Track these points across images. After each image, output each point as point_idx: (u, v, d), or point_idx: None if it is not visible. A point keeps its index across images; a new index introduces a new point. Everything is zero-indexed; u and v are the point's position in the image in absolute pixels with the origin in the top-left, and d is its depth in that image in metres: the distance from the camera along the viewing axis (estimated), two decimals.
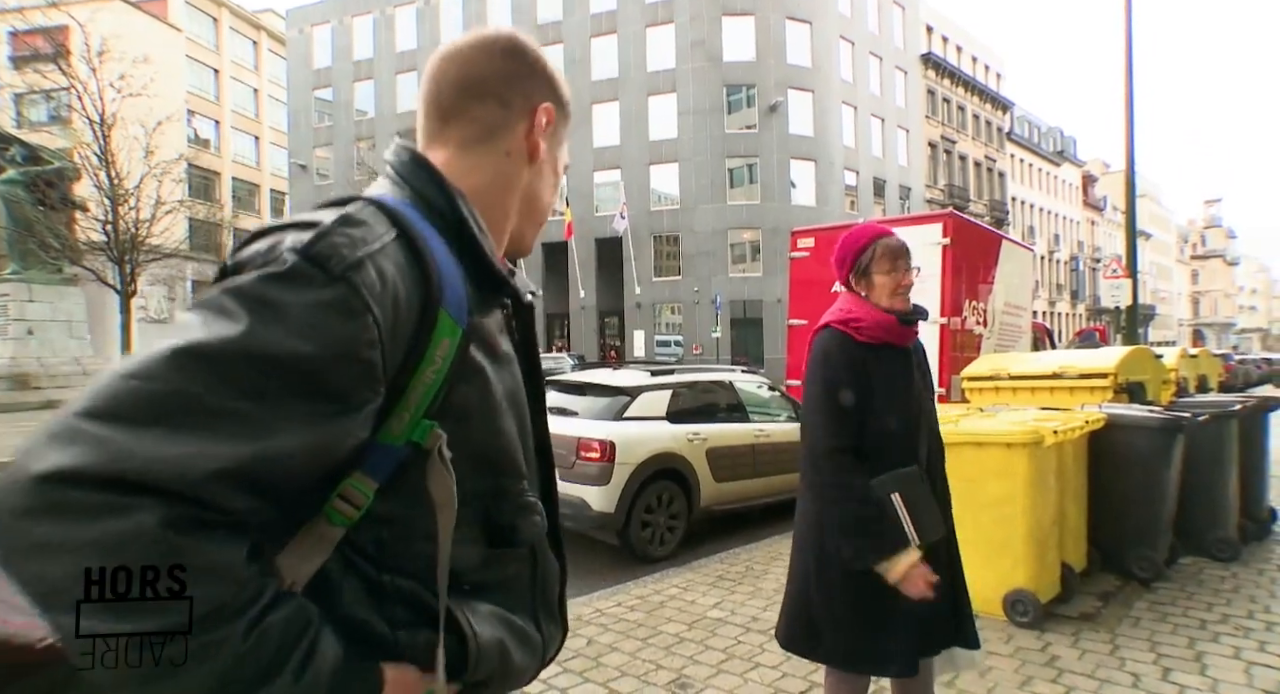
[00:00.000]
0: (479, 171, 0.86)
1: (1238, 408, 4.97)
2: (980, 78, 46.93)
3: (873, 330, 2.05)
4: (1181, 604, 4.02)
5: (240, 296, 0.63)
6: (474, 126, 0.87)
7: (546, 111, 0.90)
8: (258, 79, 46.85)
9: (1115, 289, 10.27)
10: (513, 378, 0.85)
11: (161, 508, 0.55)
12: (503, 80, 0.87)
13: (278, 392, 0.61)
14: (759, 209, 32.52)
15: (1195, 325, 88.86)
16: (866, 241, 2.12)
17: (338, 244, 0.66)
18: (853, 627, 1.99)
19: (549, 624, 0.92)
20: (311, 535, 0.69)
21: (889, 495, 1.93)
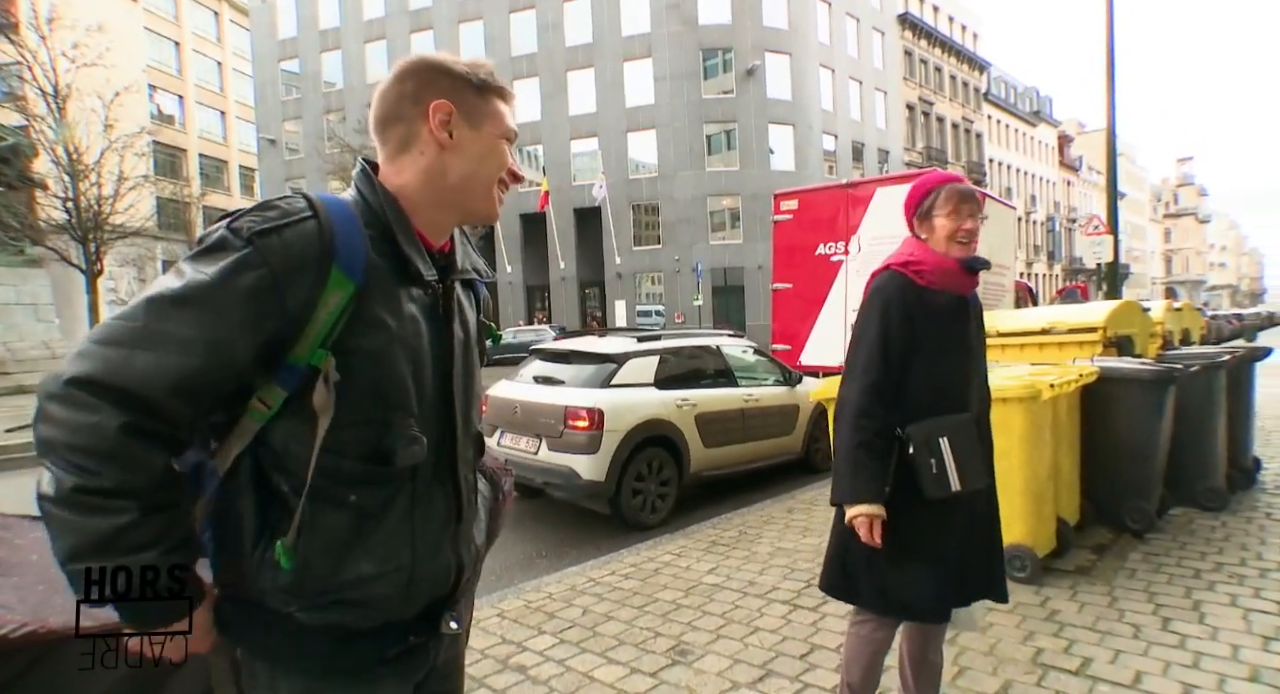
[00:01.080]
0: (404, 173, 1.09)
1: (1227, 358, 4.96)
2: (957, 38, 46.54)
3: (934, 275, 2.02)
4: (1175, 555, 4.03)
5: (189, 260, 0.95)
6: (394, 143, 1.10)
7: (438, 108, 1.07)
8: (221, 52, 45.29)
9: (1097, 245, 10.26)
10: (417, 337, 1.06)
11: (125, 415, 0.86)
12: (399, 103, 1.09)
13: (208, 322, 0.91)
14: (738, 175, 32.21)
15: (1168, 283, 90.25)
16: (934, 185, 2.09)
17: (251, 221, 0.96)
18: (890, 571, 2.00)
19: (431, 553, 1.08)
20: (239, 428, 0.99)
21: (937, 439, 1.94)
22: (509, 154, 1.16)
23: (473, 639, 3.21)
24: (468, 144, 1.10)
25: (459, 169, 1.10)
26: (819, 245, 8.95)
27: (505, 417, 5.81)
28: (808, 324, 9.02)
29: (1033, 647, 2.96)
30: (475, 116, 1.10)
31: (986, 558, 2.12)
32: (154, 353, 0.88)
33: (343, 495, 1.00)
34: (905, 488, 1.96)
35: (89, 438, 0.85)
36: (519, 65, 34.46)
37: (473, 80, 1.10)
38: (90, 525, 0.87)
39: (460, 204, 1.13)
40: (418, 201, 1.09)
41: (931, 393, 2.00)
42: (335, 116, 37.13)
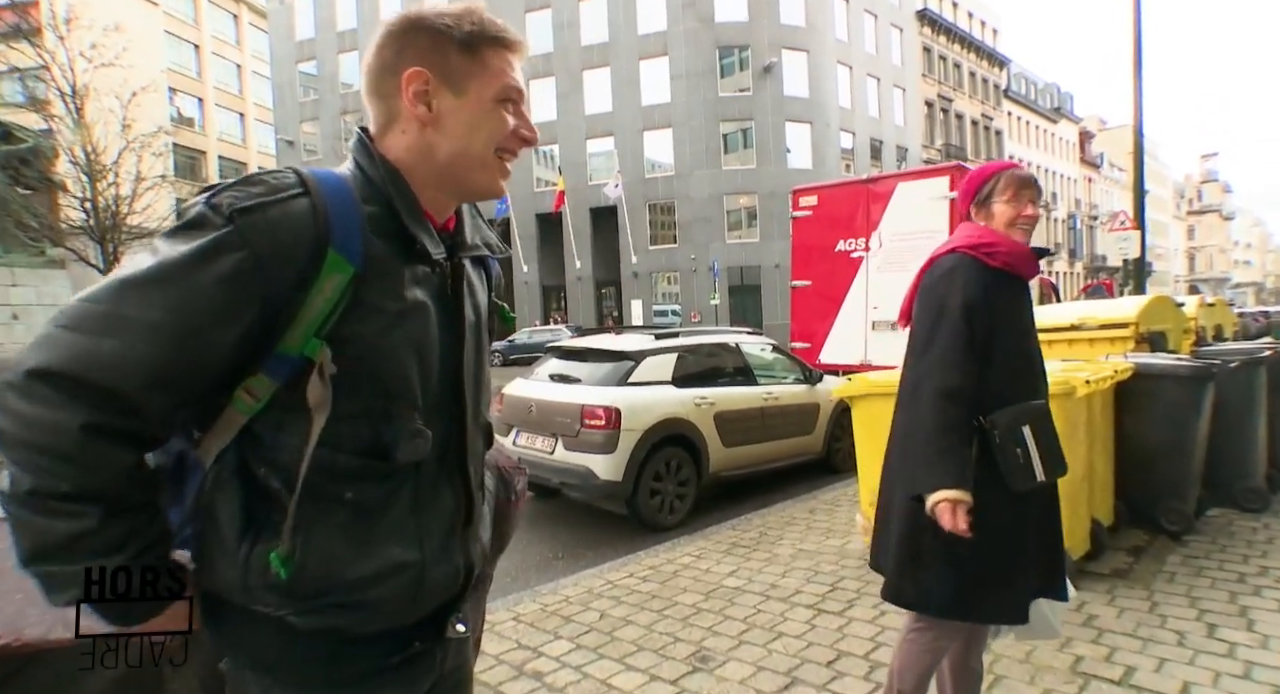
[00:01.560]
0: (393, 149, 0.98)
1: (1267, 354, 4.77)
2: (977, 34, 45.97)
3: (1008, 256, 1.94)
4: (1216, 558, 3.87)
5: (164, 239, 0.85)
6: (379, 118, 0.99)
7: (410, 77, 0.94)
8: (240, 54, 45.76)
9: (1123, 241, 10.01)
10: (422, 324, 0.96)
11: (88, 412, 0.77)
12: (378, 77, 0.97)
13: (180, 308, 0.81)
14: (755, 173, 31.99)
15: (1191, 281, 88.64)
16: (995, 171, 2.04)
17: (233, 196, 0.85)
18: (971, 573, 1.87)
19: (439, 553, 0.99)
20: (224, 419, 0.89)
21: (1020, 428, 1.85)
22: (508, 116, 1.00)
23: (487, 644, 3.13)
24: (451, 115, 0.96)
25: (446, 146, 0.97)
26: (838, 242, 8.80)
27: (521, 416, 5.73)
28: (827, 322, 8.88)
29: (1071, 654, 2.83)
30: (458, 80, 0.96)
31: (1051, 554, 2.01)
32: (121, 340, 0.78)
33: (338, 492, 0.91)
34: (984, 479, 1.82)
35: (47, 436, 0.76)
36: (535, 65, 34.47)
37: (455, 34, 0.95)
38: (49, 528, 0.79)
39: (456, 182, 1.01)
40: (415, 181, 0.98)
41: (1010, 379, 1.91)
42: (353, 117, 37.30)
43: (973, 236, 1.99)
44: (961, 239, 2.00)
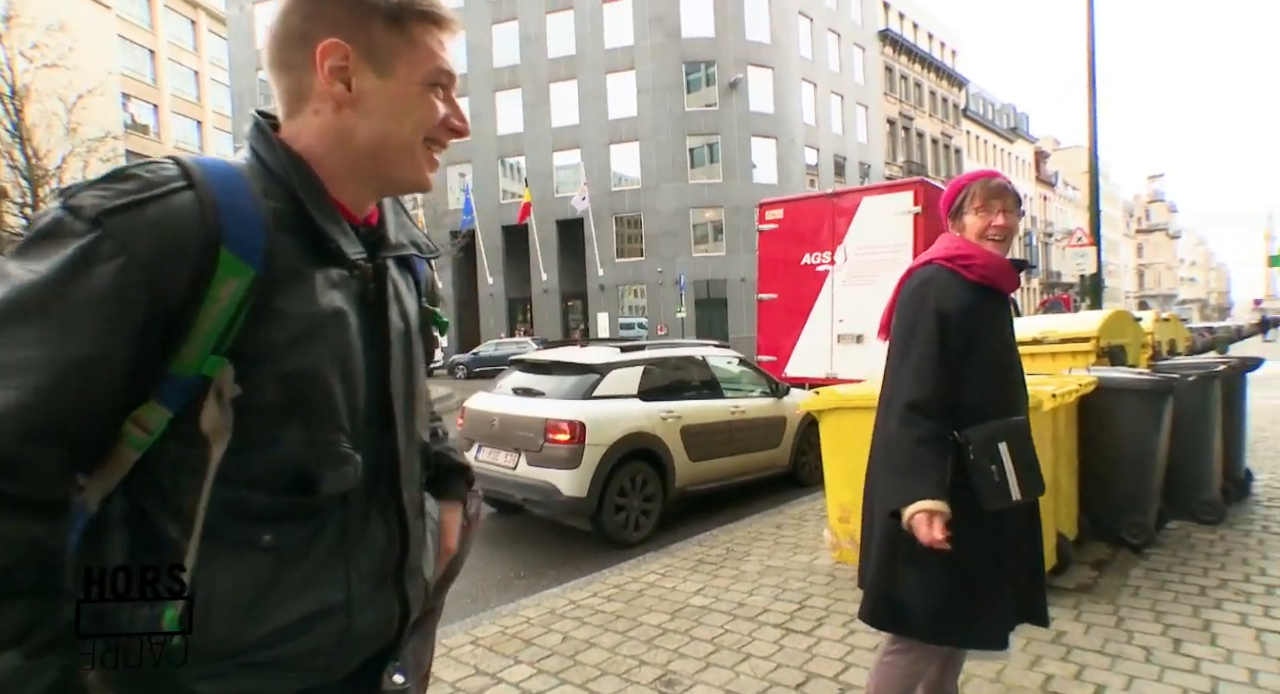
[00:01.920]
0: (303, 136, 0.85)
1: (1222, 368, 4.87)
2: (936, 55, 47.20)
3: (984, 269, 1.90)
4: (1177, 571, 3.89)
5: (14, 257, 0.70)
6: (283, 101, 0.86)
7: (327, 49, 0.82)
8: (198, 61, 44.76)
9: (1080, 257, 10.26)
10: (341, 333, 0.84)
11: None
12: (284, 46, 0.84)
13: (53, 339, 0.67)
14: (721, 188, 32.24)
15: (1141, 297, 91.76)
16: (967, 182, 2.01)
17: (97, 196, 0.72)
18: (947, 600, 1.82)
19: (370, 596, 0.87)
20: (112, 457, 0.74)
21: (996, 444, 1.80)
22: (438, 102, 0.88)
23: (445, 670, 2.98)
24: (374, 96, 0.84)
25: (366, 131, 0.84)
26: (804, 255, 8.83)
27: (483, 430, 5.58)
28: (794, 335, 8.88)
29: (1041, 673, 2.78)
30: (383, 57, 0.84)
31: (1033, 578, 1.96)
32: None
33: (253, 536, 0.78)
34: (959, 497, 1.77)
35: None
36: (501, 76, 34.38)
37: (381, 5, 0.83)
38: None
39: (377, 174, 0.88)
40: (326, 171, 0.85)
41: (986, 394, 1.87)
42: None
43: (949, 248, 1.96)
44: (938, 250, 1.97)
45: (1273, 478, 5.99)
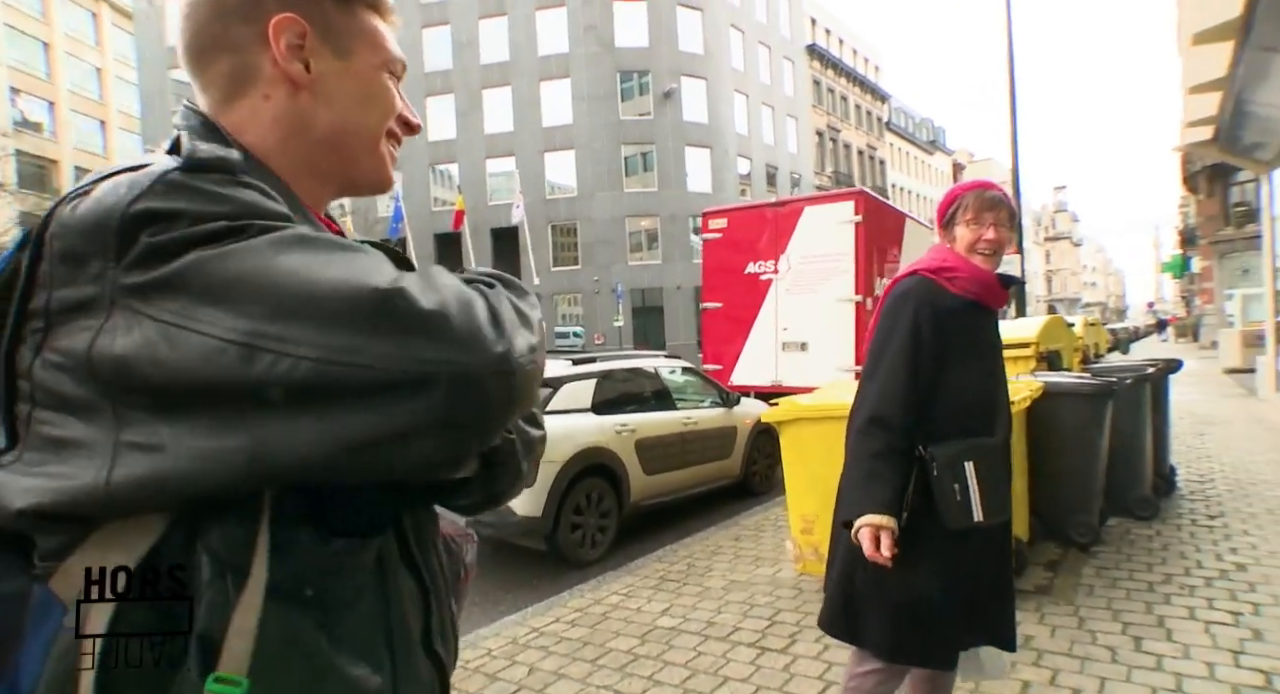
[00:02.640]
0: (250, 127, 0.72)
1: (1151, 371, 5.10)
2: (860, 70, 48.89)
3: (969, 283, 1.86)
4: (1125, 568, 4.03)
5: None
6: (221, 83, 0.73)
7: (282, 24, 0.71)
8: (100, 56, 42.12)
9: (1006, 265, 10.67)
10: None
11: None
12: (219, 21, 0.71)
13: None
14: (656, 196, 32.44)
15: (1049, 301, 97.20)
16: (961, 192, 1.97)
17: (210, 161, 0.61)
18: (898, 615, 1.80)
19: (409, 660, 0.73)
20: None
21: (963, 463, 1.76)
22: (398, 93, 0.81)
23: None
24: (334, 80, 0.74)
25: (327, 119, 0.74)
26: (748, 264, 8.88)
27: None
28: (738, 343, 8.91)
29: (1018, 680, 2.80)
30: (341, 38, 0.75)
31: (998, 600, 1.93)
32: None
33: (296, 587, 0.62)
34: (922, 514, 1.76)
35: None
36: (433, 81, 33.65)
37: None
38: None
39: (337, 170, 0.78)
40: (279, 165, 0.73)
41: (960, 411, 1.83)
42: None
43: (936, 260, 1.92)
44: (925, 261, 1.94)
45: (1189, 472, 6.33)
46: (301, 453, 0.54)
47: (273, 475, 0.55)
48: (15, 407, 0.58)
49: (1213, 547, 4.28)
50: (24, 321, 0.57)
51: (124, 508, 0.55)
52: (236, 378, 0.53)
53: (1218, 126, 9.38)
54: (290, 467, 0.55)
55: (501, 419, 0.61)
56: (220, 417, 0.54)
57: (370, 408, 0.54)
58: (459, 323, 0.56)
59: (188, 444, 0.54)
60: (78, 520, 0.56)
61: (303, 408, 0.54)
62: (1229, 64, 7.08)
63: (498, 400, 0.58)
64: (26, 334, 0.57)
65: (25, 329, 0.57)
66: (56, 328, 0.56)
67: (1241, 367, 15.14)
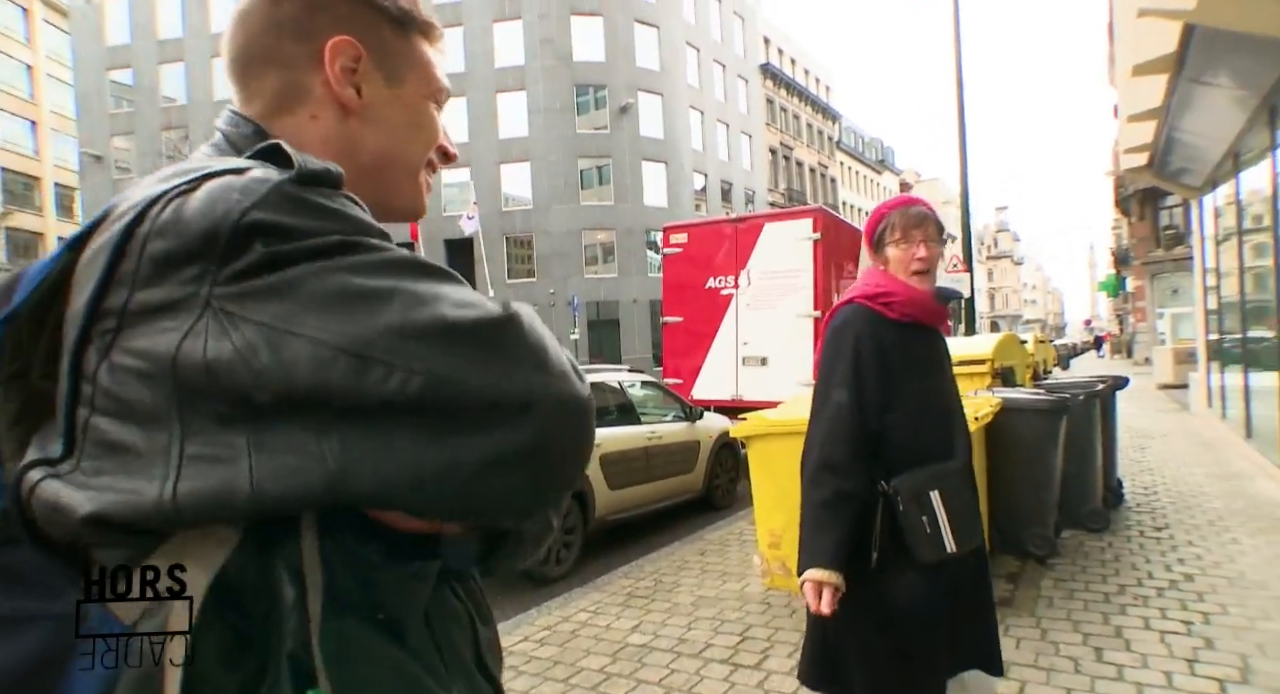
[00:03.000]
0: (294, 145, 0.64)
1: (1101, 387, 5.30)
2: (812, 90, 50.11)
3: (907, 306, 1.79)
4: (1080, 579, 4.15)
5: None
6: (264, 100, 0.71)
7: (339, 47, 0.70)
8: (31, 54, 40.30)
9: (957, 283, 11.04)
10: None
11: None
12: (272, 36, 0.70)
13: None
14: (612, 210, 32.53)
15: (992, 317, 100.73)
16: (884, 212, 1.90)
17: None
18: (878, 657, 1.73)
19: (470, 681, 0.71)
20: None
21: (927, 493, 1.69)
22: (440, 122, 0.80)
23: None
24: (385, 107, 0.74)
25: (374, 145, 0.73)
26: (709, 279, 8.95)
27: None
28: (699, 358, 8.95)
29: None
30: (395, 64, 0.74)
31: (981, 623, 1.90)
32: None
33: (376, 606, 0.60)
34: (892, 550, 1.70)
35: None
36: None
37: (389, 9, 0.74)
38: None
39: (378, 194, 0.76)
40: None
41: (917, 438, 1.76)
42: (176, 133, 33.91)
43: (869, 285, 1.86)
44: (859, 288, 1.88)
45: (1134, 485, 6.59)
46: (388, 474, 0.52)
47: (351, 498, 0.52)
48: (76, 412, 0.53)
49: (1161, 557, 4.44)
50: (94, 321, 0.53)
51: (189, 522, 0.51)
52: (344, 388, 0.51)
53: (1152, 153, 9.88)
54: (372, 490, 0.52)
55: (585, 455, 0.61)
56: (307, 429, 0.51)
57: (472, 429, 0.53)
58: (554, 358, 0.58)
59: (265, 458, 0.50)
60: (144, 532, 0.51)
61: (404, 425, 0.52)
62: (1164, 95, 7.48)
63: (586, 433, 0.60)
64: (95, 335, 0.53)
65: (94, 329, 0.53)
66: (130, 328, 0.52)
67: (1174, 382, 15.90)
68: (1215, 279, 9.65)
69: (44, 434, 0.54)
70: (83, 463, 0.52)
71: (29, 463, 0.53)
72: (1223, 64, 6.40)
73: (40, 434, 0.55)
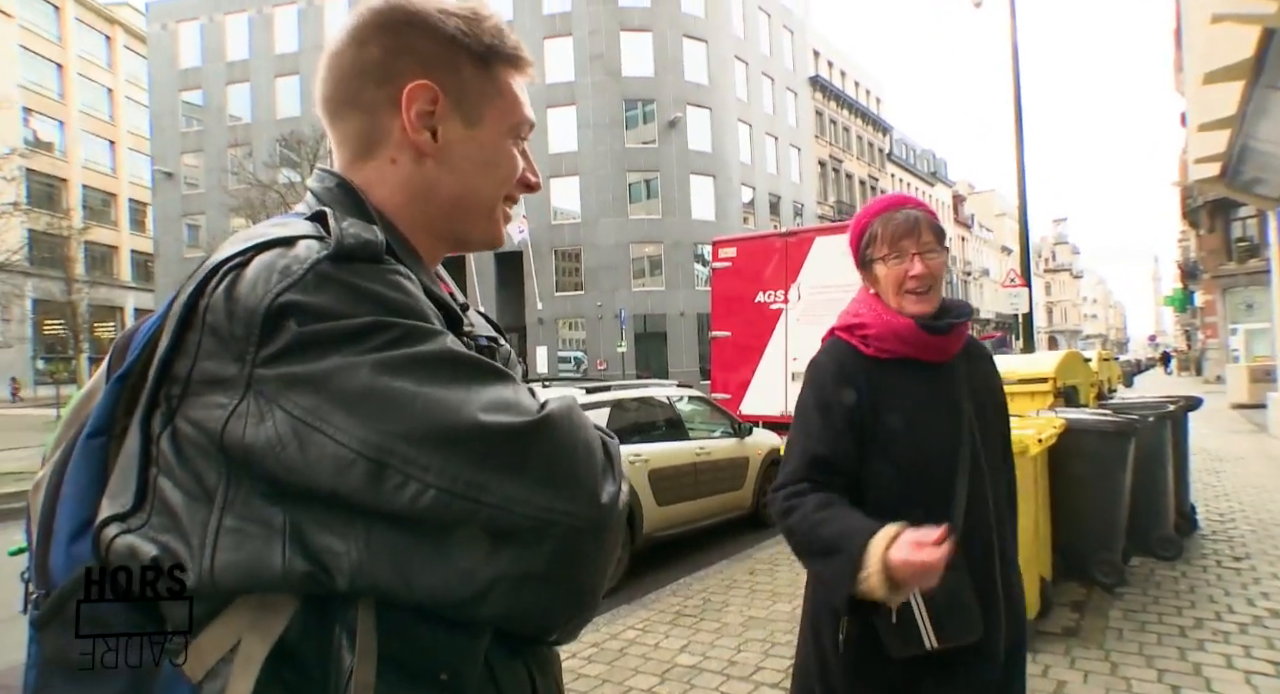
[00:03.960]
0: (377, 188, 0.73)
1: (1172, 408, 5.06)
2: (863, 101, 49.53)
3: (884, 340, 1.49)
4: (1153, 610, 3.94)
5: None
6: (350, 144, 0.74)
7: (415, 92, 0.71)
8: (113, 78, 42.64)
9: (1014, 297, 10.73)
10: None
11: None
12: (355, 81, 0.72)
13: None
14: (660, 223, 32.64)
15: (1050, 332, 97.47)
16: (866, 221, 1.56)
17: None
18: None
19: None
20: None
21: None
22: (519, 155, 0.80)
23: None
24: (461, 148, 0.74)
25: (450, 187, 0.75)
26: (758, 293, 8.89)
27: None
28: (748, 373, 8.89)
29: None
30: (473, 104, 0.75)
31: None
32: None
33: (435, 671, 0.60)
34: (864, 641, 1.38)
35: None
36: None
37: (472, 45, 0.74)
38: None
39: (454, 231, 0.78)
40: (403, 226, 0.74)
41: (898, 502, 1.39)
42: (241, 151, 35.41)
43: (848, 314, 1.57)
44: (841, 317, 1.59)
45: (1208, 511, 6.25)
46: (404, 577, 0.55)
47: (371, 589, 0.55)
48: (148, 470, 0.56)
49: (1242, 591, 4.19)
50: (161, 386, 0.57)
51: (229, 593, 0.55)
52: (360, 492, 0.53)
53: (1225, 163, 9.46)
54: (390, 587, 0.55)
55: (604, 578, 0.63)
56: (337, 518, 0.54)
57: (483, 547, 0.55)
58: (583, 472, 0.58)
59: (297, 538, 0.54)
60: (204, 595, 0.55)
61: (417, 535, 0.55)
62: (1239, 102, 7.15)
63: (606, 558, 0.61)
64: (162, 399, 0.57)
65: (161, 394, 0.57)
66: (192, 398, 0.56)
67: (1250, 402, 15.09)
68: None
69: (114, 489, 0.57)
70: (152, 519, 0.55)
71: (105, 519, 0.56)
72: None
73: (111, 489, 0.57)
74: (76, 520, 0.58)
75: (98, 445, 0.59)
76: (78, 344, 25.76)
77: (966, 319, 1.54)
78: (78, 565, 0.55)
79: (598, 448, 0.61)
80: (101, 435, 0.59)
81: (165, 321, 0.59)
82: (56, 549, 0.58)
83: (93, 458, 0.59)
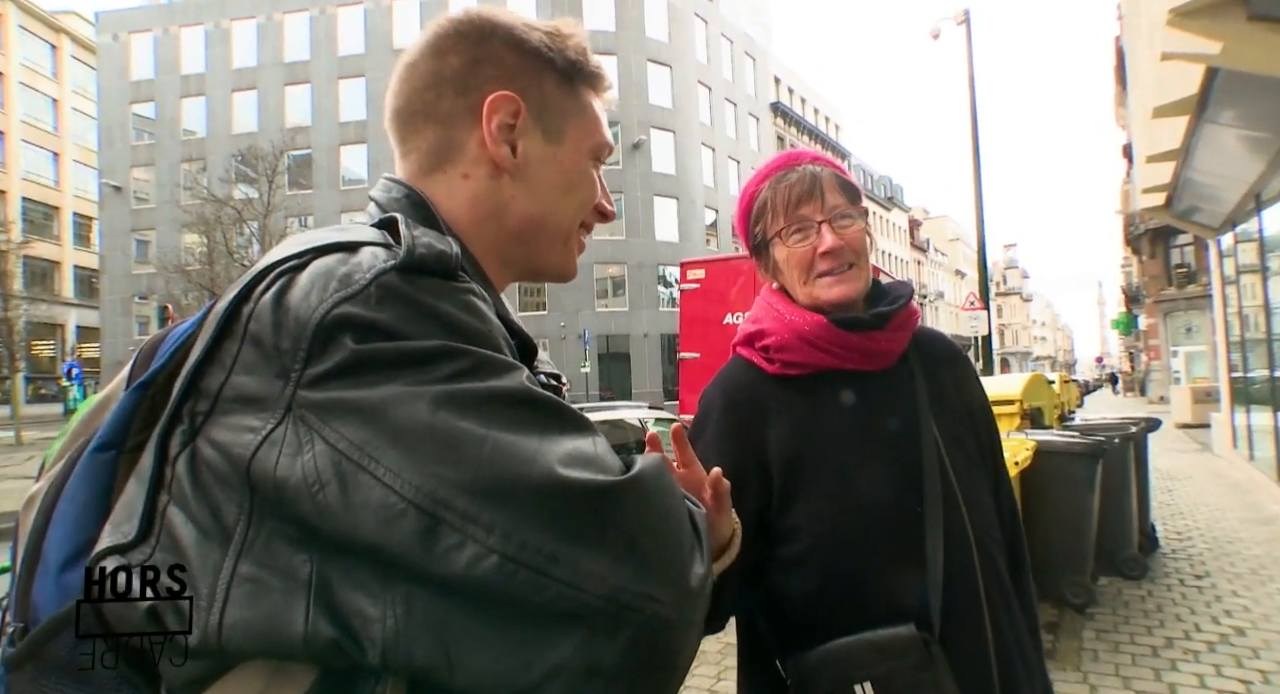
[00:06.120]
0: (447, 205, 0.68)
1: (1134, 430, 5.18)
2: (822, 128, 50.80)
3: (788, 349, 1.09)
4: (1124, 630, 3.99)
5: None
6: (419, 157, 0.69)
7: (497, 102, 0.67)
8: (58, 88, 41.28)
9: (974, 320, 11.01)
10: None
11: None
12: (433, 90, 0.68)
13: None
14: (624, 244, 32.77)
15: (1002, 354, 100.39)
16: (752, 191, 1.18)
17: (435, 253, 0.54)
18: None
19: None
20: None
21: (850, 686, 0.95)
22: (598, 179, 0.76)
23: None
24: (540, 166, 0.69)
25: (525, 206, 0.69)
26: (726, 315, 8.92)
27: None
28: None
29: None
30: (555, 120, 0.70)
31: None
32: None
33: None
34: None
35: None
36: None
37: (556, 60, 0.70)
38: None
39: (526, 256, 0.73)
40: (473, 248, 0.68)
41: (831, 574, 1.02)
42: (195, 165, 34.53)
43: (748, 321, 1.21)
44: (741, 327, 1.22)
45: (1167, 529, 6.42)
46: (446, 656, 0.44)
47: (406, 666, 0.45)
48: (159, 496, 0.48)
49: (1206, 608, 4.28)
50: (186, 399, 0.48)
51: (236, 657, 0.45)
52: (406, 550, 0.44)
53: (1169, 193, 9.88)
54: (429, 665, 0.44)
55: (683, 674, 0.52)
56: (375, 575, 0.44)
57: (547, 629, 0.45)
58: (670, 549, 0.49)
59: (324, 595, 0.44)
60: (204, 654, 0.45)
61: (469, 607, 0.44)
62: (1184, 135, 7.48)
63: (687, 653, 0.50)
64: (185, 415, 0.48)
65: (184, 409, 0.48)
66: (220, 416, 0.47)
67: (1194, 422, 15.67)
68: (1237, 318, 9.55)
69: (118, 515, 0.49)
70: (157, 555, 0.47)
71: (104, 550, 0.47)
72: (1245, 106, 6.41)
73: (115, 515, 0.49)
74: (70, 546, 0.49)
75: (105, 460, 0.51)
76: (14, 363, 24.53)
77: (905, 304, 1.12)
78: (67, 600, 0.47)
79: (686, 520, 0.51)
80: (111, 449, 0.51)
81: (201, 327, 0.51)
82: (44, 577, 0.50)
83: (98, 474, 0.51)
